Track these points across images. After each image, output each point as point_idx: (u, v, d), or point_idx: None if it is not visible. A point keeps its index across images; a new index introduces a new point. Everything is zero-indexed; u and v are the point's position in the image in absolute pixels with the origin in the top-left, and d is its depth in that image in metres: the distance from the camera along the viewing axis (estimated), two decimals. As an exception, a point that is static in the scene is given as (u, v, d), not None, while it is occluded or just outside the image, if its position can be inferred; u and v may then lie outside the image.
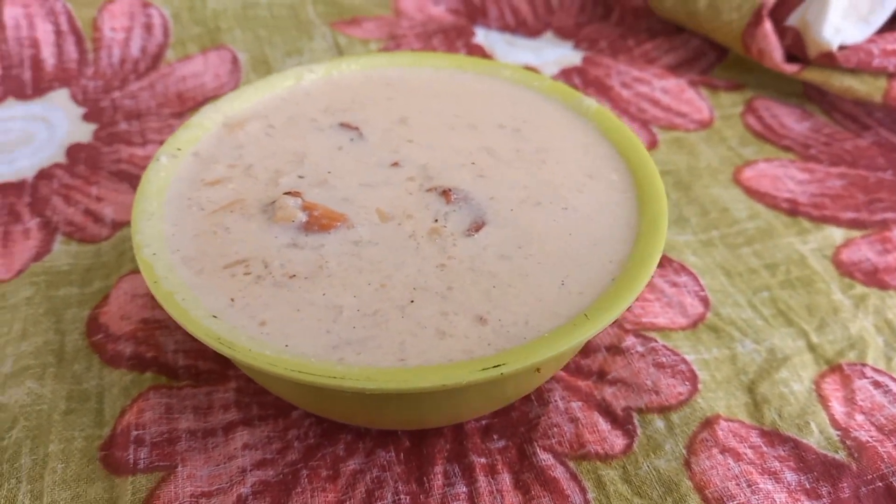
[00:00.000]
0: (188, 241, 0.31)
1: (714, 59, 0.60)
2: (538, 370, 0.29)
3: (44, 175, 0.48)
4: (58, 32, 0.58)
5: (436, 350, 0.27)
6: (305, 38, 0.59)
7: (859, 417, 0.35)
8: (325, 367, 0.25)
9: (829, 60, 0.51)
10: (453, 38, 0.59)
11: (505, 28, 0.64)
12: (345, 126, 0.38)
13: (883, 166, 0.50)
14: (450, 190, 0.34)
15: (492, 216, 0.33)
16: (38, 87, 0.55)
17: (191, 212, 0.33)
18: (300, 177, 0.35)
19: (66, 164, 0.49)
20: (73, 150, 0.50)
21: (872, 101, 0.51)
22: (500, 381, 0.28)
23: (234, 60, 0.58)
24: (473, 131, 0.38)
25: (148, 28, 0.60)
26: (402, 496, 0.31)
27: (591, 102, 0.38)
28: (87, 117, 0.53)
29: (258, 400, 0.35)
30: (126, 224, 0.44)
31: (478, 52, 0.58)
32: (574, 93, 0.39)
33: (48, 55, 0.57)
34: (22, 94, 0.55)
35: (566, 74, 0.57)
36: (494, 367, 0.25)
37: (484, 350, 0.27)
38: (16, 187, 0.47)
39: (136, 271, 0.41)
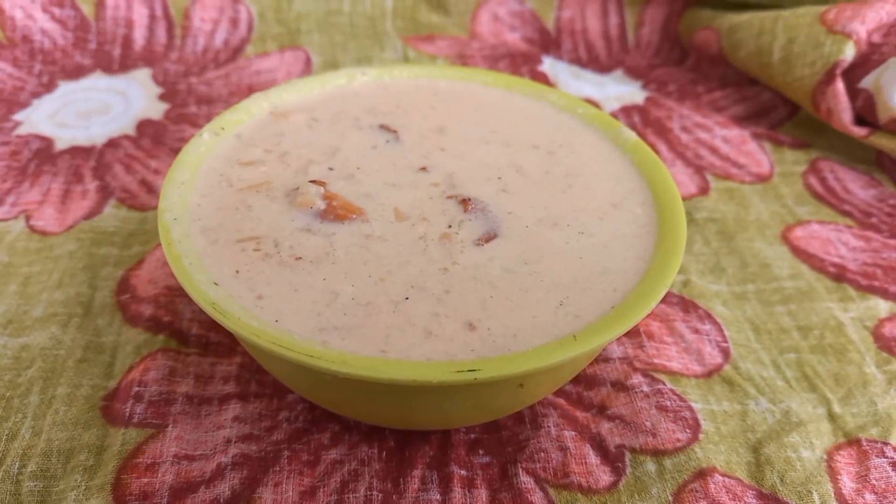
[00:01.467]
0: (211, 212, 0.33)
1: (785, 115, 0.59)
2: (521, 385, 0.28)
3: (112, 144, 0.51)
4: (152, 17, 0.62)
5: (418, 348, 0.27)
6: (377, 48, 0.61)
7: (869, 497, 0.32)
8: (304, 346, 0.26)
9: (901, 128, 0.49)
10: (520, 63, 0.60)
11: (576, 62, 0.65)
12: (384, 128, 0.39)
13: (948, 245, 0.47)
14: (469, 199, 0.34)
15: (505, 230, 0.33)
16: (125, 64, 0.59)
17: (220, 186, 0.34)
18: (330, 168, 0.36)
19: (135, 136, 0.52)
20: (143, 125, 0.53)
21: (945, 175, 0.49)
22: (481, 390, 0.28)
23: (308, 61, 0.61)
24: (507, 148, 0.38)
25: (234, 22, 0.63)
26: (374, 493, 0.31)
27: (630, 134, 0.38)
28: (162, 97, 0.56)
29: (258, 378, 0.36)
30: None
31: (541, 79, 0.58)
32: (614, 122, 0.39)
33: (139, 36, 0.61)
34: (109, 69, 0.59)
35: (626, 112, 0.56)
36: (469, 371, 0.25)
37: (465, 354, 0.27)
38: (85, 151, 0.50)
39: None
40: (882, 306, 0.43)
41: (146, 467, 0.31)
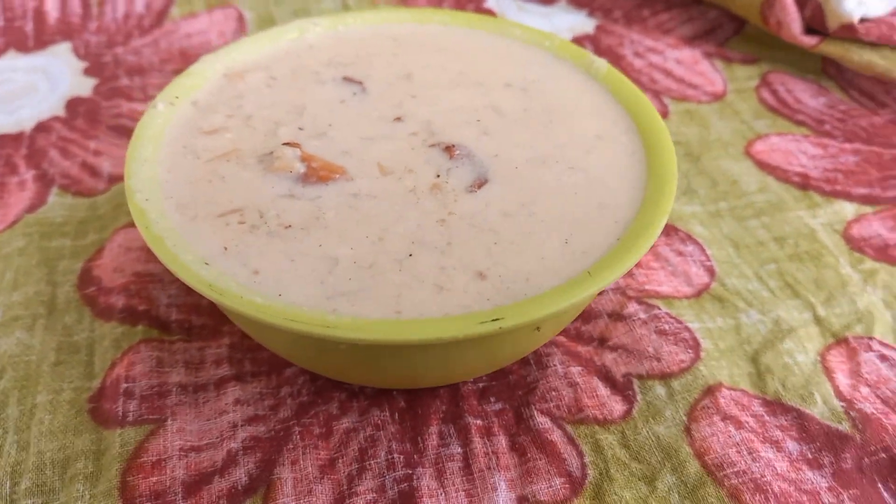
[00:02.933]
0: (182, 187, 0.30)
1: (731, 31, 0.59)
2: (538, 329, 0.28)
3: (42, 128, 0.47)
4: (60, -15, 0.57)
5: (432, 304, 0.26)
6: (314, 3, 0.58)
7: (864, 390, 0.34)
8: (317, 316, 0.25)
9: (849, 33, 0.50)
10: (464, 1, 0.58)
11: (518, -6, 0.63)
12: (348, 80, 0.37)
13: (898, 143, 0.49)
14: (453, 146, 0.33)
15: (495, 174, 0.32)
16: (41, 39, 0.54)
17: (186, 159, 0.32)
18: (300, 128, 0.34)
19: (66, 117, 0.48)
20: (73, 104, 0.49)
21: (892, 77, 0.50)
22: (499, 338, 0.27)
23: (240, 19, 0.57)
24: (480, 89, 0.37)
25: (152, -16, 0.59)
26: (395, 455, 0.31)
27: (602, 64, 0.37)
28: (88, 71, 0.52)
29: (252, 356, 0.34)
30: (122, 178, 0.43)
31: (488, 15, 0.56)
32: (585, 53, 0.38)
33: (51, 8, 0.56)
34: (23, 47, 0.54)
35: (578, 42, 0.56)
36: (493, 320, 0.25)
37: (482, 305, 0.26)
38: (13, 139, 0.46)
39: (131, 224, 0.40)
40: (848, 209, 0.44)
41: (152, 465, 0.30)
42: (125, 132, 0.47)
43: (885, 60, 0.50)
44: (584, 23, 0.57)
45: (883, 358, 0.35)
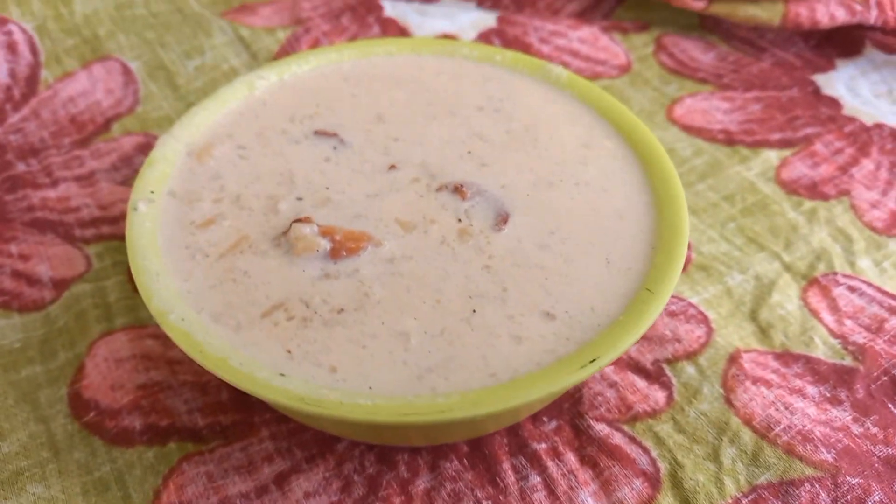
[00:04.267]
0: (208, 295, 0.28)
1: (614, 1, 0.62)
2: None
3: (-56, 242, 0.41)
4: None
5: (519, 356, 0.26)
6: (202, 34, 0.54)
7: (848, 322, 0.38)
8: (429, 404, 0.24)
9: (733, -8, 0.54)
10: (363, 14, 0.56)
11: (404, -5, 0.62)
12: (321, 134, 0.35)
13: (788, 84, 0.54)
14: (461, 186, 0.32)
15: (512, 206, 0.32)
16: None
17: (196, 261, 0.29)
18: (298, 199, 0.32)
19: (-33, 223, 0.42)
20: (-30, 206, 0.43)
21: (772, 25, 0.55)
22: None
23: (126, 71, 0.52)
24: (455, 118, 0.36)
25: (10, 47, 0.52)
26: (482, 502, 0.31)
27: (560, 70, 0.38)
28: (-31, 164, 0.45)
29: (297, 440, 0.33)
30: (73, 279, 0.39)
31: (392, 25, 0.55)
32: (539, 62, 0.39)
33: None
34: None
35: (485, 37, 0.56)
36: (591, 362, 0.25)
37: (565, 346, 0.27)
38: (-86, 262, 0.40)
39: (108, 333, 0.36)
40: (772, 156, 0.48)
41: (248, 587, 0.28)
42: (47, 226, 0.42)
43: (766, 12, 0.55)
44: (485, 17, 0.58)
45: (851, 289, 0.40)
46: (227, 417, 0.33)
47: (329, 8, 0.57)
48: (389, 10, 0.57)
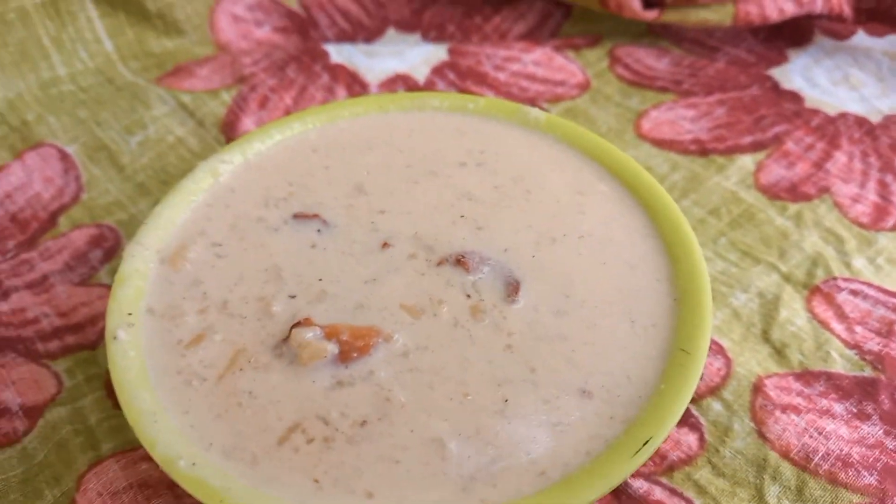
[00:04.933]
0: (214, 427, 0.25)
1: (561, 17, 0.61)
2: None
3: None
4: None
5: (565, 447, 0.25)
6: (140, 106, 0.50)
7: (859, 329, 0.38)
8: None
9: (686, 0, 0.53)
10: (308, 63, 0.53)
11: (342, 35, 0.60)
12: (301, 217, 0.33)
13: (747, 83, 0.54)
14: (463, 256, 0.30)
15: (520, 271, 0.30)
16: None
17: (193, 388, 0.26)
18: (291, 297, 0.29)
19: (-88, 355, 0.38)
20: (-87, 336, 0.39)
21: (723, 27, 0.55)
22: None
23: (63, 156, 0.48)
24: (438, 178, 0.34)
25: (-70, 148, 0.47)
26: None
27: (538, 113, 0.37)
28: None
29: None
30: (45, 404, 0.36)
31: (342, 72, 0.53)
32: (515, 107, 0.37)
33: None
34: None
35: (439, 72, 0.54)
36: (644, 444, 0.24)
37: (611, 427, 0.25)
38: None
39: (96, 463, 0.33)
40: (747, 161, 0.48)
41: None
42: (6, 344, 0.38)
43: (716, 14, 0.54)
44: (435, 51, 0.56)
45: (854, 293, 0.40)
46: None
47: (271, 61, 0.54)
48: (335, 55, 0.54)
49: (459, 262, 0.30)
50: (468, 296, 0.29)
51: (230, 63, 0.54)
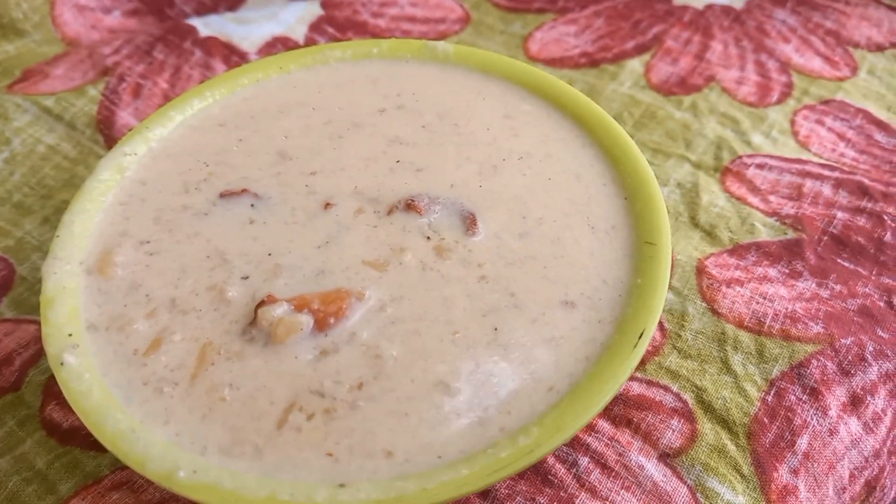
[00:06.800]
0: (202, 429, 0.24)
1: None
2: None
3: None
4: None
5: (566, 358, 0.25)
6: (0, 120, 0.45)
7: (772, 198, 0.40)
8: (523, 448, 0.22)
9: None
10: (176, 42, 0.49)
11: (202, 8, 0.56)
12: (228, 195, 0.30)
13: (616, -10, 0.55)
14: (412, 200, 0.30)
15: (472, 203, 0.30)
16: None
17: (165, 396, 0.24)
18: (244, 278, 0.28)
19: None
20: None
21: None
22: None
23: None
24: (363, 129, 0.33)
25: None
26: (550, 507, 0.30)
27: (445, 46, 0.36)
28: None
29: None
30: (-19, 463, 0.32)
31: (216, 45, 0.49)
32: (420, 43, 0.36)
33: None
34: None
35: (317, 28, 0.52)
36: (640, 337, 0.24)
37: (602, 330, 0.26)
38: None
39: (80, 491, 0.30)
40: (636, 64, 0.49)
41: None
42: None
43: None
44: (309, 8, 0.53)
45: (760, 167, 0.42)
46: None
47: (134, 46, 0.49)
48: (203, 29, 0.51)
49: (410, 206, 0.29)
50: (427, 238, 0.28)
51: (87, 56, 0.49)
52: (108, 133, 0.45)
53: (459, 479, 0.21)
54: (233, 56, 0.49)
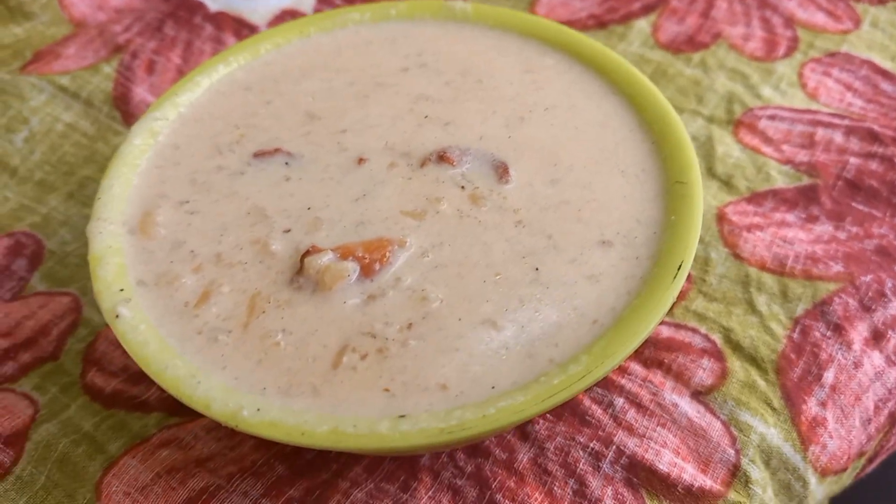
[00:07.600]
0: (259, 372, 0.24)
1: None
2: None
3: None
4: None
5: (607, 293, 0.26)
6: (15, 101, 0.45)
7: (786, 147, 0.41)
8: (574, 374, 0.23)
9: None
10: (186, 17, 0.49)
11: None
12: (262, 155, 0.31)
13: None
14: (444, 152, 0.30)
15: (501, 153, 0.30)
16: None
17: (220, 343, 0.25)
18: (286, 231, 0.28)
19: None
20: None
21: None
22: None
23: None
24: (387, 89, 0.34)
25: None
26: (589, 445, 0.30)
27: (463, 5, 0.36)
28: None
29: (382, 478, 0.30)
30: (26, 427, 0.33)
31: (225, 19, 0.50)
32: (437, 4, 0.37)
33: None
34: None
35: None
36: (679, 268, 0.25)
37: (640, 266, 0.26)
38: None
39: (112, 465, 0.31)
40: (642, 24, 0.50)
41: None
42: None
43: None
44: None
45: (771, 118, 0.43)
46: (302, 485, 0.30)
47: (144, 23, 0.49)
48: (212, 4, 0.51)
49: (442, 158, 0.30)
50: (462, 187, 0.29)
51: (98, 35, 0.49)
52: (125, 109, 0.45)
53: (517, 405, 0.22)
54: (243, 30, 0.49)
